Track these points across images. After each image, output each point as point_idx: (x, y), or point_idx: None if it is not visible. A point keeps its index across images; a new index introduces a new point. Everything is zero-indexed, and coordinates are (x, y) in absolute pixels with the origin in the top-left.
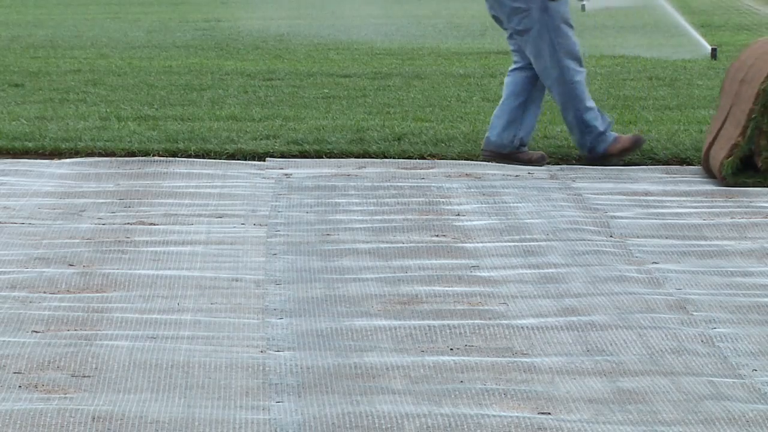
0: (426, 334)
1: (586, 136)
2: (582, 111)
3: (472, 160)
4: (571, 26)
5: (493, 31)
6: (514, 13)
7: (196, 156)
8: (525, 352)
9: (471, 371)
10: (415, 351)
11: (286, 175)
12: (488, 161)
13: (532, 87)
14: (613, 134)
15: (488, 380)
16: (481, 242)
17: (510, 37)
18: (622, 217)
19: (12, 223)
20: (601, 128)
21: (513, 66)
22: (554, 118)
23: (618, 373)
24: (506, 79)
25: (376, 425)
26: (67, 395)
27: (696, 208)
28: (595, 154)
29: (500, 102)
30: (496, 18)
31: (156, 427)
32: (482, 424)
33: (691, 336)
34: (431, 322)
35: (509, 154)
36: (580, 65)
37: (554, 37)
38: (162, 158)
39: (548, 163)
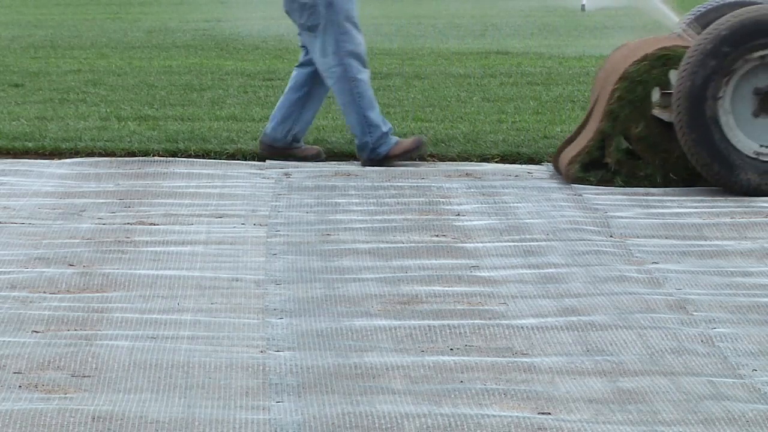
0: (426, 334)
1: (367, 137)
2: (365, 110)
3: (472, 160)
4: (355, 25)
5: (493, 31)
6: (303, 9)
7: (196, 156)
8: (525, 352)
9: (471, 371)
10: (415, 351)
11: (286, 175)
12: (265, 155)
13: (313, 83)
14: (395, 138)
15: (488, 380)
16: (481, 242)
17: (300, 33)
18: (622, 217)
19: (12, 223)
20: (384, 129)
21: (299, 61)
22: (554, 118)
23: (618, 373)
24: (292, 74)
25: (376, 425)
26: (67, 395)
27: (696, 208)
28: (377, 155)
29: (282, 96)
30: (289, 14)
31: (156, 427)
32: (482, 424)
33: (691, 336)
34: (431, 322)
35: (282, 149)
36: (364, 66)
37: (338, 35)
38: (162, 158)
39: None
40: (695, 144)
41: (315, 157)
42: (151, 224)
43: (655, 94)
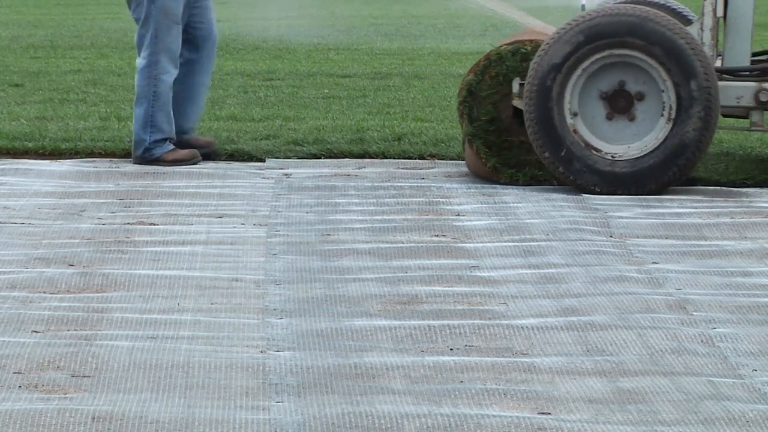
0: (426, 334)
1: (147, 134)
2: (155, 109)
3: None
4: (176, 22)
5: (493, 31)
6: (133, 2)
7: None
8: (525, 352)
9: (471, 371)
10: (415, 351)
11: (286, 175)
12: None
13: (186, 79)
14: (171, 146)
15: (488, 380)
16: (481, 242)
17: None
18: (622, 217)
19: (12, 223)
20: (166, 134)
21: None
22: None
23: (618, 373)
24: None
25: (376, 425)
26: (67, 395)
27: (696, 208)
28: (150, 155)
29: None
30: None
31: (156, 427)
32: (482, 424)
33: (691, 336)
34: (431, 322)
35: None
36: (174, 66)
37: (157, 30)
38: None
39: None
40: (545, 146)
41: (207, 146)
42: (151, 224)
43: (515, 85)
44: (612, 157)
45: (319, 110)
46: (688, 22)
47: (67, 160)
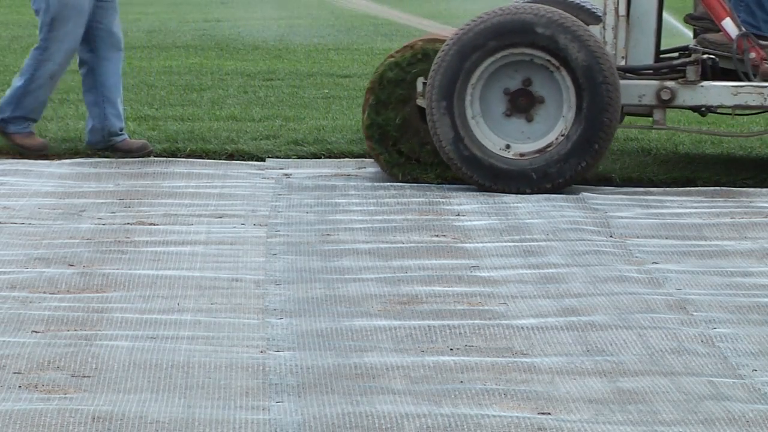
0: (426, 334)
1: (10, 108)
2: (28, 90)
3: None
4: (78, 16)
5: None
6: None
7: (196, 156)
8: (525, 352)
9: (471, 371)
10: (415, 351)
11: (286, 175)
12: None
13: (91, 81)
14: (30, 130)
15: (488, 380)
16: (481, 242)
17: None
18: (622, 217)
19: (12, 223)
20: (28, 115)
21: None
22: None
23: (618, 373)
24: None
25: (376, 425)
26: (67, 395)
27: (696, 208)
28: (3, 126)
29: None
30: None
31: (156, 427)
32: (482, 424)
33: (691, 336)
34: (431, 322)
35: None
36: (64, 58)
37: (54, 19)
38: (162, 158)
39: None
40: (443, 138)
41: (141, 149)
42: (151, 224)
43: (419, 85)
44: (513, 155)
45: (319, 110)
46: (598, 19)
47: (67, 160)
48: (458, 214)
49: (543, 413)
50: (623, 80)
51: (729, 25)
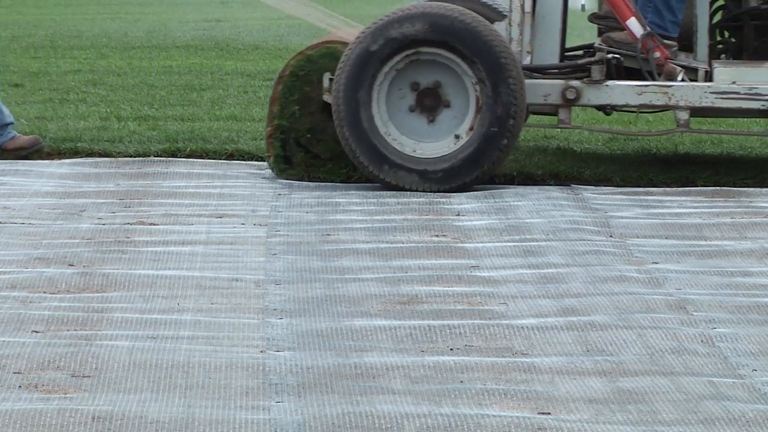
0: (426, 334)
1: None
2: None
3: None
4: None
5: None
6: None
7: (196, 156)
8: (525, 352)
9: (471, 371)
10: (415, 351)
11: None
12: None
13: None
14: (13, 132)
15: (488, 380)
16: (481, 242)
17: None
18: (622, 217)
19: (12, 223)
20: (8, 120)
21: None
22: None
23: (618, 373)
24: None
25: (376, 425)
26: (67, 395)
27: (696, 208)
28: None
29: None
30: None
31: (156, 427)
32: (482, 424)
33: (691, 336)
34: (431, 322)
35: None
36: None
37: None
38: (162, 158)
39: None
40: (349, 137)
41: (33, 144)
42: (151, 224)
43: (325, 80)
44: (419, 153)
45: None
46: (503, 17)
47: (67, 160)
48: (458, 214)
49: (543, 413)
50: (528, 79)
51: (634, 24)
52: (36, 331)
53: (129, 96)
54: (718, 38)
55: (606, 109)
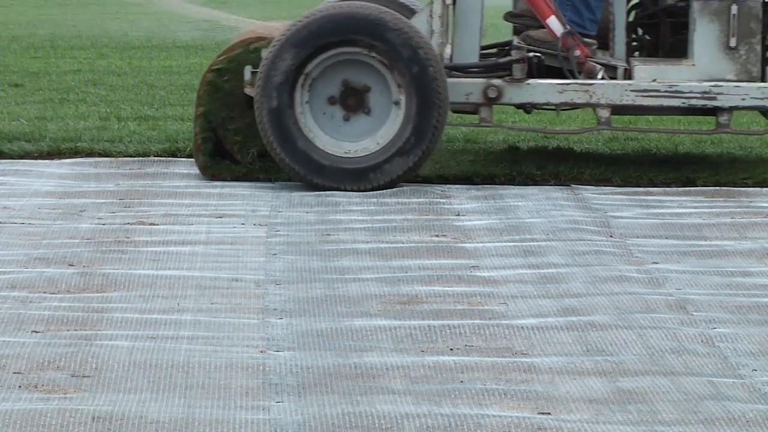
0: (426, 334)
1: None
2: None
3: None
4: None
5: (493, 31)
6: None
7: None
8: (525, 352)
9: (471, 371)
10: (415, 351)
11: None
12: None
13: None
14: None
15: (488, 380)
16: (481, 242)
17: None
18: (622, 217)
19: (12, 223)
20: None
21: None
22: (553, 117)
23: (618, 373)
24: None
25: (376, 425)
26: (67, 395)
27: (696, 208)
28: None
29: None
30: None
31: (156, 427)
32: (482, 424)
33: (691, 336)
34: (431, 322)
35: None
36: None
37: None
38: (162, 158)
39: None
40: (271, 134)
41: None
42: (151, 224)
43: (247, 73)
44: (341, 152)
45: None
46: (414, 14)
47: (67, 160)
48: (458, 214)
49: (543, 413)
50: (450, 78)
51: (554, 23)
52: (36, 331)
53: (129, 96)
54: (634, 36)
55: (527, 108)
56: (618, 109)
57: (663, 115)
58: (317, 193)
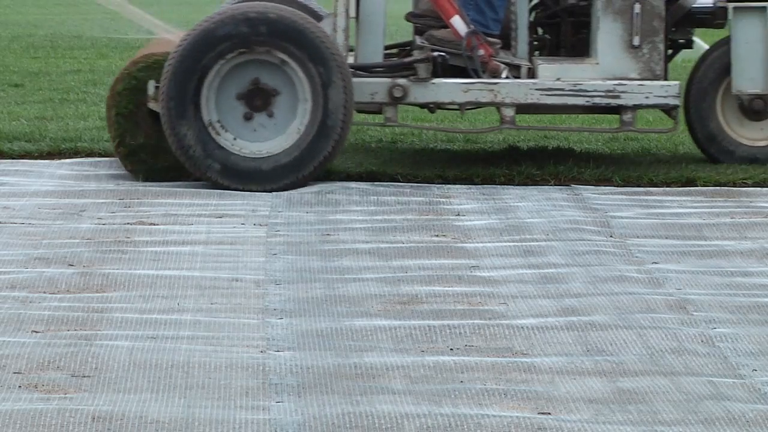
0: (426, 334)
1: None
2: None
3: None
4: None
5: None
6: None
7: None
8: (525, 352)
9: (471, 371)
10: (415, 351)
11: None
12: None
13: None
14: None
15: (488, 380)
16: (481, 242)
17: None
18: (622, 217)
19: (12, 223)
20: None
21: None
22: (553, 118)
23: (618, 373)
24: None
25: (376, 425)
26: (67, 395)
27: (696, 208)
28: None
29: None
30: None
31: (156, 427)
32: (482, 424)
33: (691, 336)
34: (431, 322)
35: None
36: None
37: None
38: None
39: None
40: (178, 140)
41: None
42: (151, 224)
43: (150, 88)
44: (248, 153)
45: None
46: (319, 17)
47: (67, 160)
48: (458, 214)
49: (543, 413)
50: (356, 78)
51: (458, 22)
52: (36, 331)
53: None
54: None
55: (431, 107)
56: (523, 108)
57: (568, 114)
58: (317, 193)
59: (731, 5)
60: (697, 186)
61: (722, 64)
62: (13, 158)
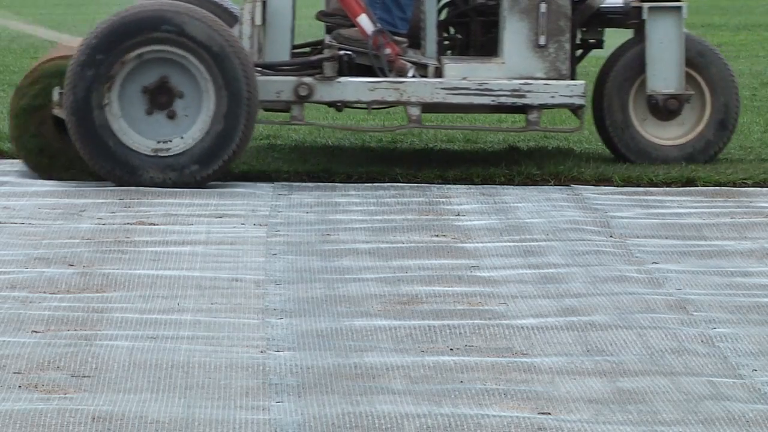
0: (426, 334)
1: None
2: None
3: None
4: None
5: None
6: None
7: None
8: (525, 352)
9: (471, 371)
10: (415, 351)
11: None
12: None
13: None
14: None
15: (488, 380)
16: (481, 242)
17: None
18: (622, 217)
19: (12, 223)
20: None
21: None
22: (553, 118)
23: (618, 373)
24: None
25: (376, 425)
26: (67, 395)
27: (696, 208)
28: None
29: None
30: None
31: (156, 427)
32: (482, 424)
33: (691, 336)
34: (431, 322)
35: None
36: None
37: None
38: None
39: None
40: (92, 155)
41: None
42: (151, 224)
43: (55, 94)
44: (156, 152)
45: (318, 110)
46: (234, 17)
47: None
48: (458, 214)
49: (543, 413)
50: (261, 76)
51: (365, 21)
52: (36, 331)
53: None
54: (445, 34)
55: (337, 106)
56: (429, 107)
57: (475, 113)
58: (317, 193)
59: (646, 5)
60: (697, 186)
61: (636, 64)
62: (13, 158)
